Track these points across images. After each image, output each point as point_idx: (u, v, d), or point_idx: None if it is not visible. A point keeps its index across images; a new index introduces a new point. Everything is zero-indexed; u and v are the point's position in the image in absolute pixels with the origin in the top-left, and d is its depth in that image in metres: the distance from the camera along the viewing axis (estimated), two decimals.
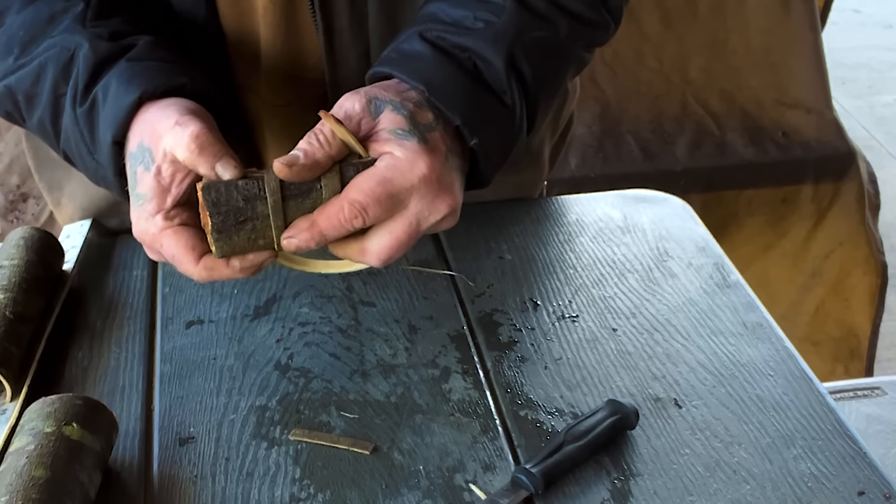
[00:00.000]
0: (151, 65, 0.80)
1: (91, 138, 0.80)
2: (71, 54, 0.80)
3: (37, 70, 0.81)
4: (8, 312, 0.84)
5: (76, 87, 0.80)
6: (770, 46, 2.03)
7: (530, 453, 0.77)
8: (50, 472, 0.68)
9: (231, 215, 0.73)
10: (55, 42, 0.81)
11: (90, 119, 0.79)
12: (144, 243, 0.77)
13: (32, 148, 1.09)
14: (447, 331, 0.90)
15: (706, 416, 0.81)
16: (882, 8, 4.43)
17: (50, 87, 0.81)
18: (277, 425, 0.80)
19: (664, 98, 2.02)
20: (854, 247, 2.05)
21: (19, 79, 0.82)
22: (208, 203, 0.72)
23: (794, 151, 2.00)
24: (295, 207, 0.74)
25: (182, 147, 0.72)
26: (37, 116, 0.83)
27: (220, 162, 0.73)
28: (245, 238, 0.74)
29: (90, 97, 0.79)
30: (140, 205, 0.75)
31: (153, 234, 0.75)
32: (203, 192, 0.72)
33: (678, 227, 1.04)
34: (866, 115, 3.63)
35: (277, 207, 0.73)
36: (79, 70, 0.79)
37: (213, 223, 0.73)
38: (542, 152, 1.12)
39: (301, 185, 0.74)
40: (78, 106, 0.80)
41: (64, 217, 1.09)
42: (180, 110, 0.75)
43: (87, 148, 0.80)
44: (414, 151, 0.74)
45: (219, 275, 0.76)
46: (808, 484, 0.75)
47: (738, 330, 0.90)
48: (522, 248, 1.01)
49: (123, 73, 0.78)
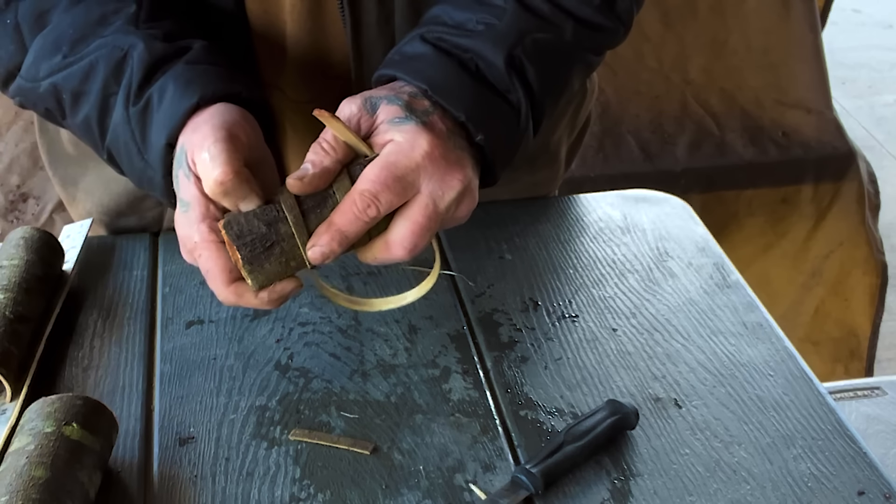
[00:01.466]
0: (209, 69, 0.80)
1: (142, 138, 0.80)
2: (124, 54, 0.80)
3: (86, 68, 0.81)
4: (8, 312, 0.84)
5: (129, 86, 0.79)
6: (770, 46, 2.03)
7: (530, 453, 0.77)
8: (50, 472, 0.68)
9: (257, 243, 0.73)
10: (107, 42, 0.81)
11: (143, 119, 0.79)
12: (184, 247, 0.78)
13: (47, 143, 1.09)
14: (447, 331, 0.90)
15: (706, 416, 0.81)
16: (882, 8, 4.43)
17: (100, 86, 0.80)
18: (277, 425, 0.80)
19: (664, 98, 2.02)
20: (854, 247, 2.05)
21: (67, 76, 0.82)
22: (232, 237, 0.73)
23: (794, 151, 2.00)
24: (316, 219, 0.74)
25: (207, 187, 0.73)
26: (82, 114, 0.83)
27: (242, 203, 0.74)
28: (277, 263, 0.74)
29: (144, 97, 0.79)
30: (185, 211, 0.76)
31: (195, 241, 0.75)
32: (225, 228, 0.73)
33: (678, 227, 1.04)
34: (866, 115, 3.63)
35: (299, 223, 0.74)
36: (133, 69, 0.79)
37: (241, 256, 0.73)
38: (559, 151, 1.13)
39: (316, 196, 0.74)
40: (131, 105, 0.79)
41: (79, 214, 1.09)
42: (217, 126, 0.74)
43: (138, 148, 0.80)
44: (413, 132, 0.75)
45: (246, 302, 0.76)
46: (808, 484, 0.75)
47: (738, 330, 0.90)
48: (522, 248, 1.01)
49: (181, 76, 0.78)
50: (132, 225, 1.05)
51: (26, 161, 1.84)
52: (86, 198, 1.06)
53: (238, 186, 0.73)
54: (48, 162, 1.11)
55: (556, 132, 1.10)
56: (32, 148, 1.81)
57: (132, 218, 1.05)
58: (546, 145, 1.09)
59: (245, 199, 0.74)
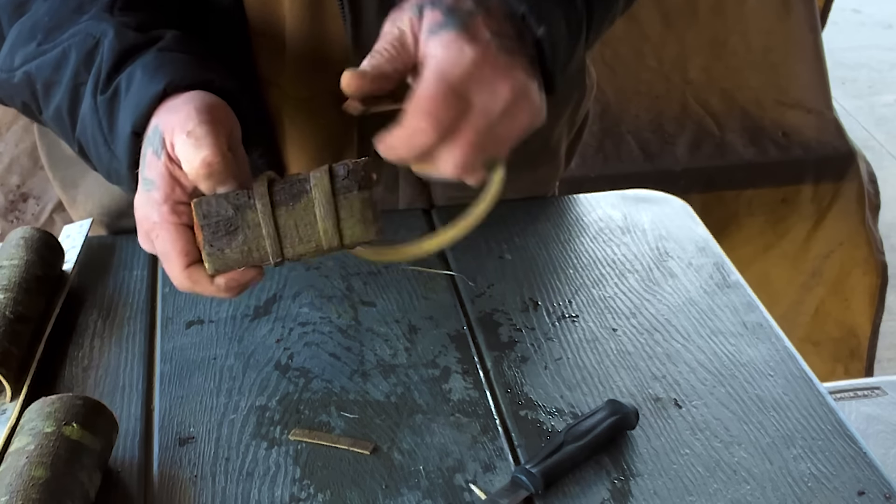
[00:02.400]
0: (179, 56, 0.78)
1: (109, 128, 0.78)
2: (95, 42, 0.79)
3: (59, 57, 0.80)
4: (8, 312, 0.84)
5: (98, 74, 0.78)
6: (770, 46, 2.03)
7: (530, 453, 0.77)
8: (50, 472, 0.68)
9: (221, 226, 0.72)
10: (80, 29, 0.80)
11: (111, 108, 0.78)
12: (141, 228, 0.76)
13: (46, 145, 1.09)
14: (447, 331, 0.90)
15: (706, 416, 0.81)
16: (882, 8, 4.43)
17: (71, 75, 0.79)
18: (277, 425, 0.80)
19: (664, 98, 2.02)
20: (854, 247, 2.05)
21: (40, 65, 0.81)
22: (199, 216, 0.72)
23: (794, 151, 2.00)
24: (286, 213, 0.72)
25: (190, 167, 0.71)
26: (54, 105, 0.82)
27: (221, 187, 0.72)
28: (238, 251, 0.72)
29: (112, 86, 0.78)
30: (147, 189, 0.74)
31: (154, 221, 0.74)
32: (195, 206, 0.72)
33: (678, 227, 1.04)
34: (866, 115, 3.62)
35: (267, 213, 0.72)
36: (103, 57, 0.78)
37: (204, 236, 0.72)
38: (559, 148, 1.12)
39: (291, 189, 0.73)
40: (99, 94, 0.78)
41: (79, 216, 1.09)
42: (200, 109, 0.72)
43: (105, 138, 0.79)
44: (453, 41, 0.72)
45: (202, 289, 0.75)
46: (808, 484, 0.75)
47: (738, 330, 0.90)
48: (522, 248, 1.01)
49: (149, 64, 0.77)
50: (132, 225, 1.05)
51: (26, 161, 1.84)
52: (86, 199, 1.06)
53: (223, 169, 0.71)
54: (48, 164, 1.10)
55: (556, 129, 1.10)
56: (32, 148, 1.81)
57: (132, 218, 1.04)
58: (546, 142, 1.09)
59: (224, 184, 0.72)
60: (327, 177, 0.73)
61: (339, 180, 0.73)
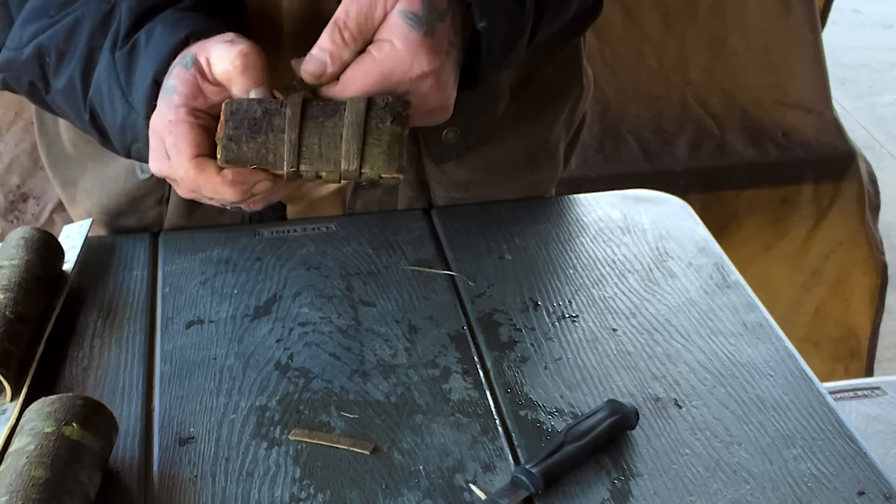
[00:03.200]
0: (197, 14, 0.78)
1: (127, 79, 0.78)
2: (111, 6, 0.79)
3: (72, 24, 0.80)
4: (8, 312, 0.84)
5: (117, 34, 0.78)
6: (770, 46, 2.03)
7: (530, 453, 0.77)
8: (50, 472, 0.68)
9: (245, 124, 0.71)
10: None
11: (129, 61, 0.78)
12: (154, 132, 0.75)
13: (46, 144, 1.09)
14: (447, 331, 0.90)
15: (706, 416, 0.81)
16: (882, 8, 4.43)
17: (85, 40, 0.79)
18: (277, 425, 0.80)
19: (664, 98, 2.02)
20: (854, 247, 2.05)
21: (52, 35, 0.80)
22: (226, 112, 0.71)
23: (794, 151, 2.00)
24: (313, 127, 0.72)
25: (226, 60, 0.71)
26: (66, 75, 0.81)
27: (256, 89, 0.72)
28: (254, 150, 0.72)
29: (131, 41, 0.78)
30: (167, 95, 0.74)
31: (169, 121, 0.73)
32: (225, 105, 0.72)
33: (678, 227, 1.04)
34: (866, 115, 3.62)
35: (295, 123, 0.71)
36: (121, 18, 0.78)
37: (225, 131, 0.71)
38: (557, 149, 1.12)
39: (324, 107, 0.72)
40: (118, 49, 0.78)
41: (79, 215, 1.08)
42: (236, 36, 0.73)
43: (122, 91, 0.78)
44: (417, 45, 0.73)
45: (206, 179, 0.73)
46: (808, 484, 0.75)
47: (738, 330, 0.90)
48: (522, 248, 1.01)
49: (169, 18, 0.77)
50: (132, 225, 1.05)
51: (26, 161, 1.84)
52: (86, 198, 1.06)
53: (259, 66, 0.71)
54: (48, 163, 1.10)
55: (555, 130, 1.10)
56: (32, 148, 1.81)
57: (132, 218, 1.05)
58: (545, 143, 1.09)
59: (258, 84, 0.72)
60: (364, 102, 0.73)
61: (375, 108, 0.73)
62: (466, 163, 1.04)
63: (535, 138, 1.08)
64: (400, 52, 0.73)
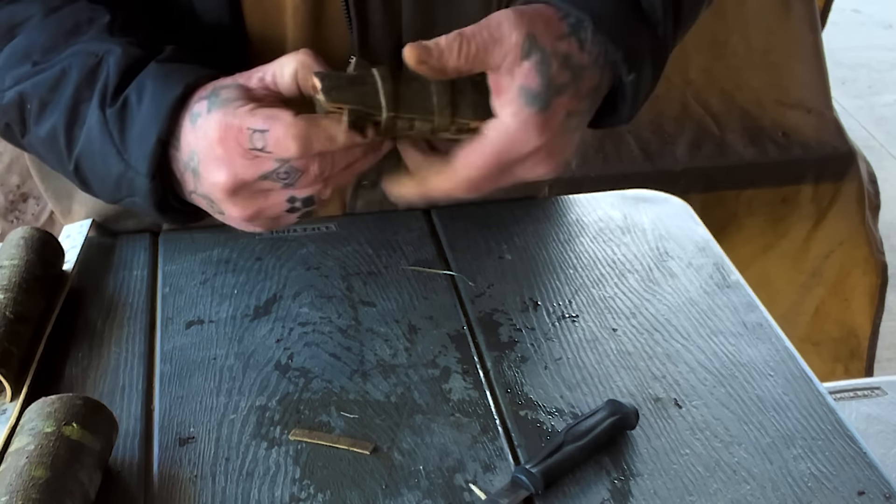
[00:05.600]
0: (184, 65, 0.79)
1: (122, 139, 0.77)
2: (98, 60, 0.78)
3: (58, 75, 0.79)
4: (8, 312, 0.84)
5: (105, 90, 0.78)
6: (770, 46, 2.03)
7: (530, 453, 0.77)
8: (50, 472, 0.68)
9: (342, 80, 0.74)
10: (80, 49, 0.79)
11: (122, 118, 0.77)
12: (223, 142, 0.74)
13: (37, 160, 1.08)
14: (447, 331, 0.90)
15: (706, 416, 0.81)
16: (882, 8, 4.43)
17: (71, 93, 0.79)
18: (277, 425, 0.80)
19: (664, 98, 2.02)
20: (854, 247, 2.05)
21: (36, 84, 0.80)
22: (318, 77, 0.73)
23: (794, 151, 2.00)
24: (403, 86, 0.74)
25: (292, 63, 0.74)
26: (48, 125, 0.81)
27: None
28: (354, 94, 0.73)
29: (121, 98, 0.77)
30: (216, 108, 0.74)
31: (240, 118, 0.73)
32: (315, 73, 0.74)
33: (678, 227, 1.04)
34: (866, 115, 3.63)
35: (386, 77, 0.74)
36: (108, 73, 0.78)
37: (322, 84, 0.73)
38: None
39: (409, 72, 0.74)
40: (108, 107, 0.78)
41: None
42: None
43: (117, 149, 0.78)
44: (530, 124, 0.73)
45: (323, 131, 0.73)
46: (808, 484, 0.75)
47: (738, 330, 0.90)
48: (522, 248, 1.01)
49: (157, 73, 0.77)
50: (131, 227, 1.05)
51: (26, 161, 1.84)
52: (80, 209, 1.05)
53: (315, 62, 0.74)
54: (39, 178, 1.09)
55: None
56: None
57: (131, 221, 1.04)
58: None
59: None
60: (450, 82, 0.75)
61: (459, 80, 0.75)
62: None
63: None
64: (513, 131, 0.74)
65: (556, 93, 0.74)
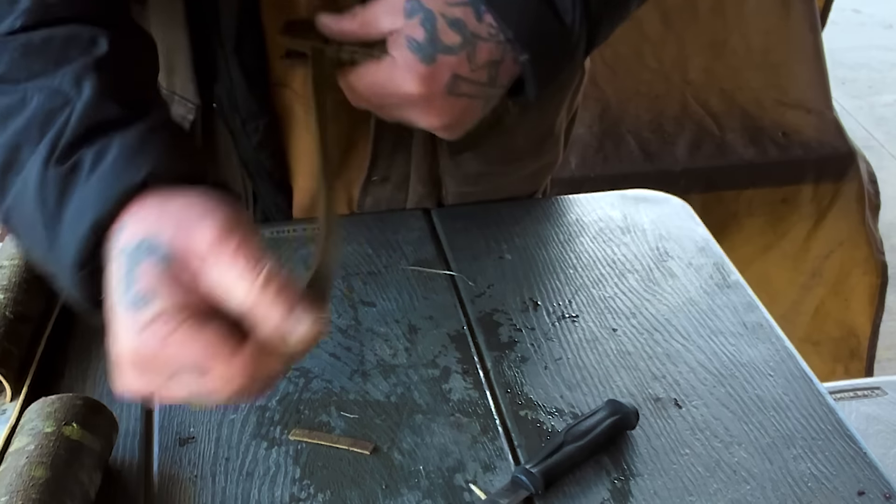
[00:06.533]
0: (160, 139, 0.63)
1: (56, 209, 0.62)
2: (64, 101, 0.64)
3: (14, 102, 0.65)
4: (8, 312, 0.84)
5: (57, 140, 0.62)
6: (770, 46, 2.03)
7: (530, 453, 0.77)
8: (50, 472, 0.68)
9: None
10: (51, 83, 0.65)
11: (64, 185, 0.62)
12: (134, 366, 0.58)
13: None
14: (447, 331, 0.90)
15: (706, 416, 0.81)
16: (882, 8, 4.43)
17: (18, 128, 0.64)
18: (277, 425, 0.80)
19: (664, 98, 2.02)
20: (854, 247, 2.05)
21: None
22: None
23: (794, 151, 2.00)
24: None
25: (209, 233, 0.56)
26: None
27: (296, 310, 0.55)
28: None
29: (74, 158, 0.62)
30: (138, 308, 0.56)
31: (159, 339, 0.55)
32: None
33: (678, 227, 1.04)
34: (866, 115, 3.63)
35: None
36: (69, 122, 0.63)
37: None
38: (560, 135, 1.13)
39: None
40: (54, 164, 0.62)
41: None
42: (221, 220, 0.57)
43: (44, 221, 0.62)
44: (411, 68, 0.78)
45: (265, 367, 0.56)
46: (808, 484, 0.75)
47: (738, 330, 0.90)
48: (522, 248, 1.01)
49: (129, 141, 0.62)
50: None
51: None
52: None
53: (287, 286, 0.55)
54: None
55: (560, 115, 1.10)
56: None
57: None
58: (551, 129, 1.09)
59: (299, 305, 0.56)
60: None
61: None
62: (481, 153, 1.04)
63: (544, 124, 1.08)
64: (397, 66, 0.78)
65: (442, 50, 0.78)
